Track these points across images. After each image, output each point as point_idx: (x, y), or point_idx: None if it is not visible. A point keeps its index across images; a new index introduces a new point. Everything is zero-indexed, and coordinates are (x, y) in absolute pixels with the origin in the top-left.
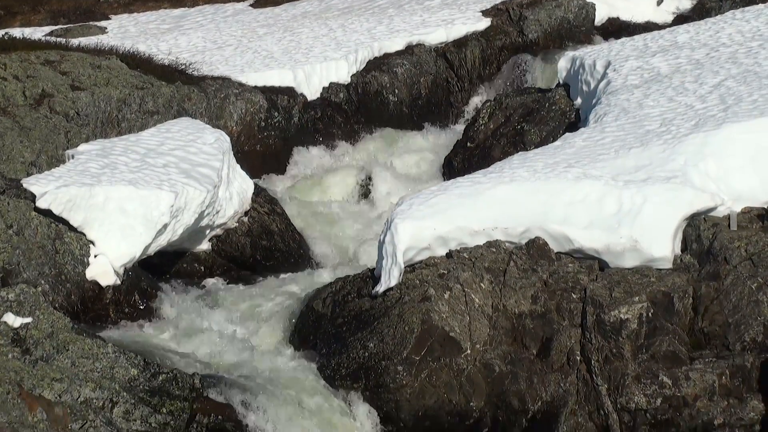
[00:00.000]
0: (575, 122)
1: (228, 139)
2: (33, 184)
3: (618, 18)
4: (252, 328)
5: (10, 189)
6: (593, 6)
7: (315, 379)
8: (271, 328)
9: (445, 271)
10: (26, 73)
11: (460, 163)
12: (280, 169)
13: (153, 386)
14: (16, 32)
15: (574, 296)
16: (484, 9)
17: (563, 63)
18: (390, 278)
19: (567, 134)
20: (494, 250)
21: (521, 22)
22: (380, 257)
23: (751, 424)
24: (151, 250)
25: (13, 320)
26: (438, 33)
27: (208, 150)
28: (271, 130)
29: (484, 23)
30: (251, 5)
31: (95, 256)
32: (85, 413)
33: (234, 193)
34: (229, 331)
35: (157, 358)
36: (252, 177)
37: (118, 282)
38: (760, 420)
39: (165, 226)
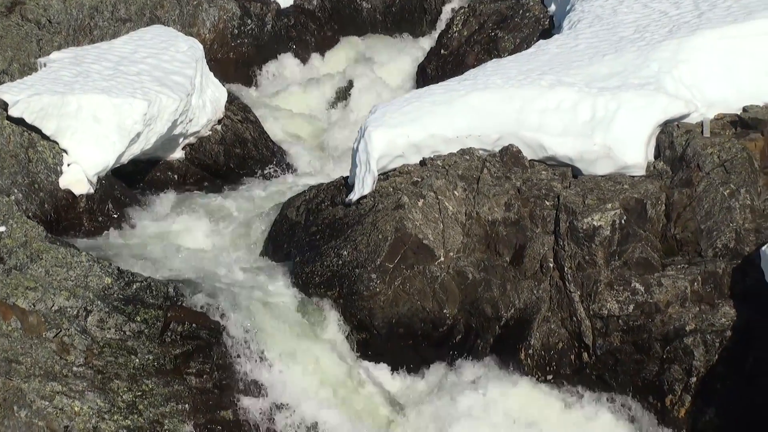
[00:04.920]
0: (549, 29)
1: (201, 47)
2: (5, 92)
3: None
4: (226, 236)
5: None
6: None
7: (289, 287)
8: (245, 236)
9: (419, 179)
10: None
11: (433, 70)
12: (254, 77)
13: (127, 295)
14: None
15: (548, 203)
16: None
17: None
18: (364, 186)
19: (541, 41)
20: (468, 157)
21: None
22: (354, 165)
23: (722, 330)
24: (125, 159)
25: None
26: None
27: (181, 58)
28: (244, 37)
29: None
30: None
31: (68, 165)
32: (59, 322)
33: (207, 101)
34: (202, 240)
35: (131, 267)
36: (225, 85)
37: (92, 191)
38: (731, 326)
39: (138, 135)
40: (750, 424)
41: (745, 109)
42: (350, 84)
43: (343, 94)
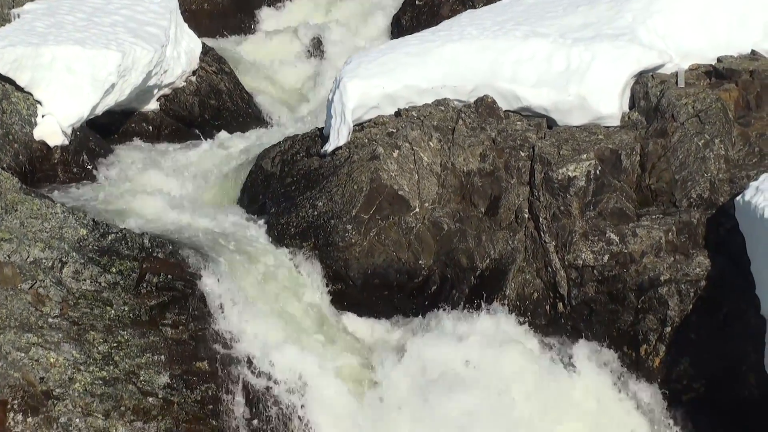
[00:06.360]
0: None
1: None
2: None
3: None
4: (201, 187)
5: None
6: None
7: (264, 238)
8: (220, 188)
9: (394, 130)
10: None
11: (408, 21)
12: (228, 28)
13: (102, 246)
14: None
15: (523, 154)
16: None
17: None
18: (339, 137)
19: None
20: (443, 108)
21: None
22: (329, 116)
23: (696, 280)
24: (99, 110)
25: None
26: None
27: (156, 9)
28: None
29: None
30: None
31: (43, 116)
32: (34, 273)
33: (182, 52)
34: (178, 191)
35: (106, 218)
36: (200, 36)
37: (66, 142)
38: (705, 276)
39: (113, 86)
40: (724, 373)
41: (719, 60)
42: (325, 34)
43: (318, 45)
